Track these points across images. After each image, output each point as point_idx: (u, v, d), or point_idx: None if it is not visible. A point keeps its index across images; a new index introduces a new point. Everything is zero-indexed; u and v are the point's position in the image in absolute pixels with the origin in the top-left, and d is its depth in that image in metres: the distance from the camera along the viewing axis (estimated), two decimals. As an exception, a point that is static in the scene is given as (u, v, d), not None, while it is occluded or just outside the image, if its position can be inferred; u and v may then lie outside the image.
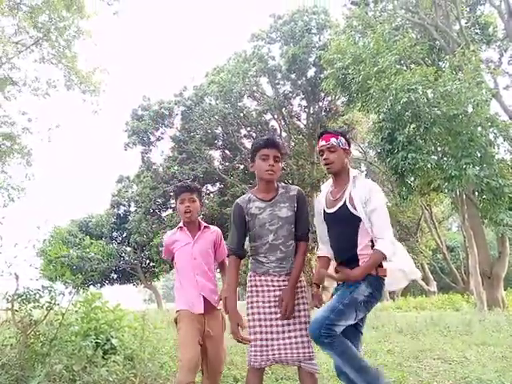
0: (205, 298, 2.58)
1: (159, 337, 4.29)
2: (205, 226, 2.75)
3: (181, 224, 2.74)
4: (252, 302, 2.34)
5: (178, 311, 2.61)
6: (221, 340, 2.62)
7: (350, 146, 2.46)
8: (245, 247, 2.45)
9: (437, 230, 22.97)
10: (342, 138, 2.42)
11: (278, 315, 2.29)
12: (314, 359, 2.25)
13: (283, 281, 2.35)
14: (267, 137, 2.40)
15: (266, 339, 2.26)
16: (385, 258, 2.21)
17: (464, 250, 21.32)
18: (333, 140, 2.38)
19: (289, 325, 2.28)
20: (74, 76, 13.41)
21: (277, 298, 2.31)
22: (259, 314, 2.31)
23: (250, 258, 2.45)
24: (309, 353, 2.24)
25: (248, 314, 2.34)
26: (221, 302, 2.63)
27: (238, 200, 2.47)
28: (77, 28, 12.49)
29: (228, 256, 2.47)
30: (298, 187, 2.48)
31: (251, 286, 2.38)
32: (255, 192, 2.43)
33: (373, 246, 2.27)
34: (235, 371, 3.89)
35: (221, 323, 2.64)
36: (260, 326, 2.29)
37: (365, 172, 27.08)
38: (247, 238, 2.45)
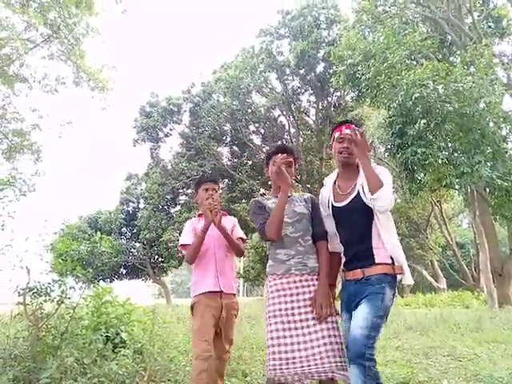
0: (222, 279, 2.70)
1: (168, 331, 4.32)
2: (223, 213, 2.83)
3: (200, 212, 2.88)
4: (274, 310, 2.21)
5: (195, 296, 2.70)
6: (232, 324, 2.76)
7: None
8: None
9: (447, 226, 22.77)
10: (361, 129, 2.37)
11: (306, 321, 2.15)
12: (347, 370, 2.04)
13: (306, 280, 2.26)
14: (279, 144, 2.48)
15: (293, 351, 2.10)
16: (381, 185, 2.11)
17: (474, 246, 21.12)
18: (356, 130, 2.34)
19: (316, 332, 2.12)
20: (82, 73, 13.50)
21: (302, 302, 2.20)
22: (283, 323, 2.17)
23: (269, 260, 2.39)
24: (342, 362, 2.07)
25: (269, 324, 2.19)
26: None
27: (254, 199, 2.56)
28: (86, 25, 12.55)
29: (260, 231, 2.40)
30: (311, 195, 2.55)
31: (272, 292, 2.27)
32: (271, 193, 2.54)
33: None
34: (244, 366, 3.90)
35: (235, 309, 2.76)
36: (284, 336, 2.13)
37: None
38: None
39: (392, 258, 2.17)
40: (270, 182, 2.59)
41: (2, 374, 2.74)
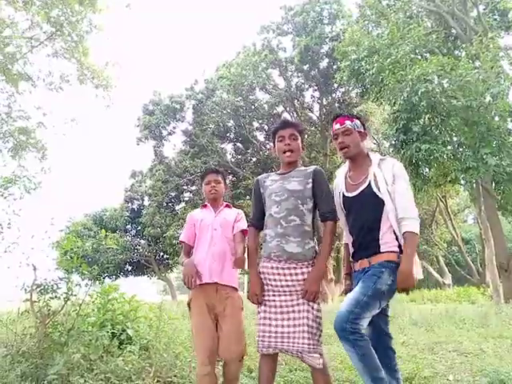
0: (217, 270, 2.55)
1: (174, 327, 4.34)
2: (227, 205, 2.85)
3: (206, 202, 2.85)
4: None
5: (190, 294, 2.66)
6: (235, 321, 2.52)
7: (365, 128, 2.36)
8: (262, 222, 2.46)
9: (452, 221, 22.66)
10: (357, 120, 2.33)
11: (282, 307, 2.24)
12: (316, 353, 2.16)
13: (282, 268, 2.24)
14: (281, 119, 2.45)
15: (270, 325, 2.24)
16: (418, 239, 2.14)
17: (480, 242, 21.00)
18: (348, 123, 2.30)
19: (294, 312, 2.22)
20: (86, 70, 13.51)
21: (279, 288, 2.26)
22: (263, 301, 2.30)
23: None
24: (309, 344, 2.15)
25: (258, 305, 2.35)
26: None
27: (259, 176, 2.56)
28: (89, 22, 12.54)
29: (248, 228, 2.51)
30: (317, 166, 2.42)
31: (261, 274, 2.37)
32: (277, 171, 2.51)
33: (394, 233, 2.18)
34: (249, 361, 3.90)
35: (236, 303, 2.58)
36: (264, 311, 2.28)
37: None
38: None
39: (400, 247, 2.16)
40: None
41: (10, 370, 2.77)
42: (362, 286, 2.14)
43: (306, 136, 22.72)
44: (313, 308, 2.21)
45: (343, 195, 2.34)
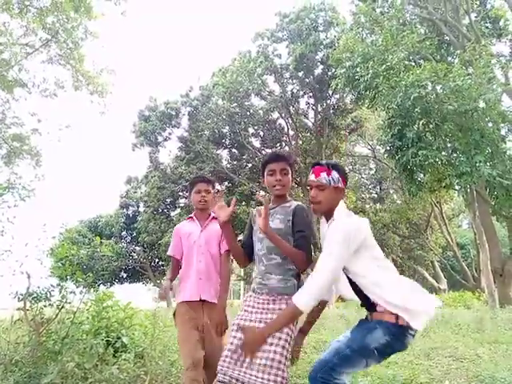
0: (204, 288, 2.59)
1: (169, 335, 4.30)
2: (213, 217, 2.74)
3: (191, 215, 2.82)
4: (233, 324, 2.26)
5: (178, 303, 2.67)
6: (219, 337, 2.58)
7: (346, 181, 2.13)
8: (250, 250, 2.39)
9: (447, 227, 22.77)
10: (336, 173, 2.09)
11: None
12: None
13: (263, 302, 2.21)
14: (273, 151, 2.40)
15: (235, 351, 2.11)
16: (300, 313, 1.89)
17: (475, 247, 21.11)
18: (323, 176, 2.07)
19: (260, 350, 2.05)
20: (81, 77, 13.53)
21: (253, 317, 2.17)
22: (237, 328, 2.20)
23: None
24: (268, 380, 1.97)
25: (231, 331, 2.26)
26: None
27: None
28: (84, 29, 12.58)
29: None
30: (299, 203, 2.33)
31: (243, 301, 2.36)
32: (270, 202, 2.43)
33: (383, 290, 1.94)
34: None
35: (220, 313, 2.60)
36: (234, 337, 2.17)
37: (373, 169, 27.01)
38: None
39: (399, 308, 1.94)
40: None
41: (3, 379, 2.74)
42: (350, 337, 1.98)
43: (300, 142, 22.85)
44: (281, 338, 2.05)
45: None
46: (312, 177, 2.12)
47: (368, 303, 2.00)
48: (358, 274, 1.98)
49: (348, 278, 2.04)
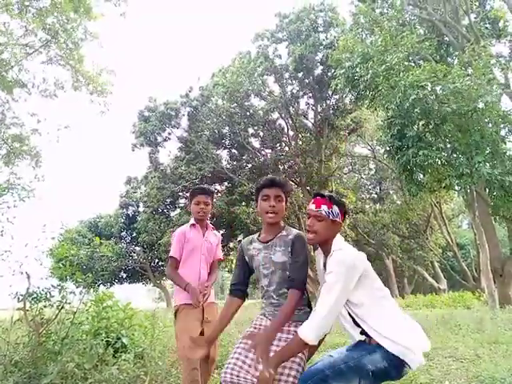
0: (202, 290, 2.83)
1: (169, 335, 4.30)
2: (212, 227, 3.09)
3: (192, 221, 3.00)
4: (246, 331, 2.27)
5: (176, 306, 2.83)
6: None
7: (344, 215, 2.16)
8: (244, 287, 2.36)
9: (447, 227, 22.79)
10: (336, 207, 2.11)
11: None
12: None
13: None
14: (268, 176, 2.31)
15: (244, 362, 2.09)
16: (305, 345, 1.91)
17: (475, 247, 21.13)
18: (324, 208, 2.10)
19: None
20: (81, 77, 13.53)
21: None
22: (242, 343, 2.18)
23: None
24: None
25: (237, 343, 2.25)
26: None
27: (243, 240, 2.46)
28: (84, 30, 12.59)
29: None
30: (298, 232, 2.28)
31: (252, 321, 2.33)
32: (260, 232, 2.37)
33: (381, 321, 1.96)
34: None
35: (216, 312, 2.87)
36: (240, 350, 2.15)
37: (373, 170, 27.01)
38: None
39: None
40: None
41: (2, 380, 2.74)
42: (347, 354, 1.98)
43: (300, 142, 22.85)
44: (293, 365, 2.03)
45: None
46: (312, 206, 2.13)
47: (367, 334, 1.99)
48: (355, 304, 1.98)
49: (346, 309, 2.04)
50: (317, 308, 1.94)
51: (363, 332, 2.02)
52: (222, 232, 20.97)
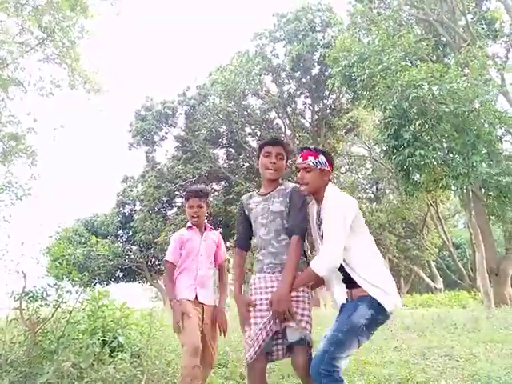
0: (201, 292, 2.79)
1: (166, 334, 4.30)
2: (210, 228, 3.02)
3: (189, 224, 2.96)
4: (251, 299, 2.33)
5: (176, 300, 2.74)
6: (216, 335, 2.81)
7: (331, 165, 2.29)
8: (247, 240, 2.50)
9: (443, 227, 22.86)
10: (322, 156, 2.25)
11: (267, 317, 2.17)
12: (297, 330, 2.13)
13: (276, 278, 2.25)
14: (272, 135, 2.45)
15: (256, 334, 2.17)
16: (316, 276, 2.08)
17: (470, 246, 21.22)
18: (310, 159, 2.23)
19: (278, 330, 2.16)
20: (77, 76, 13.46)
21: (266, 300, 2.20)
22: (254, 311, 2.25)
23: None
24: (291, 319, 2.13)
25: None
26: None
27: (243, 196, 2.60)
28: (81, 28, 12.52)
29: (235, 247, 2.57)
30: (296, 185, 2.38)
31: (249, 285, 2.39)
32: (260, 189, 2.50)
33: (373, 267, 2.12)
34: (241, 369, 3.89)
35: (213, 316, 2.80)
36: (254, 323, 2.21)
37: (370, 169, 27.07)
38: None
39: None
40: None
41: (-2, 379, 2.72)
42: (337, 324, 2.09)
43: (297, 142, 22.87)
44: (304, 301, 2.20)
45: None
46: (300, 160, 2.27)
47: (350, 278, 2.13)
48: (346, 249, 2.09)
49: None
50: (324, 245, 2.08)
51: (348, 283, 2.16)
52: (218, 231, 20.94)
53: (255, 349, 2.15)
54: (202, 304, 2.77)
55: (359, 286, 2.09)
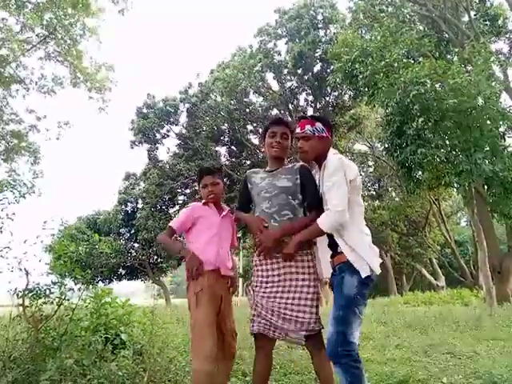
0: (222, 264, 2.55)
1: (168, 332, 4.31)
2: (228, 210, 2.75)
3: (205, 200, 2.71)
4: (252, 281, 2.41)
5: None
6: (231, 309, 2.62)
7: (330, 130, 2.33)
8: (248, 206, 2.59)
9: (445, 224, 22.82)
10: (319, 123, 2.29)
11: (274, 294, 2.28)
12: (301, 334, 2.22)
13: (276, 257, 2.31)
14: (276, 116, 2.50)
15: (265, 310, 2.27)
16: (321, 231, 2.16)
17: (473, 244, 21.18)
18: (307, 128, 2.28)
19: (289, 292, 2.26)
20: (79, 73, 13.47)
21: (269, 278, 2.31)
22: (257, 291, 2.34)
23: None
24: (297, 329, 2.22)
25: (251, 292, 2.40)
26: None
27: (248, 171, 2.65)
28: (82, 25, 12.52)
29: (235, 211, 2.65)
30: (302, 163, 2.46)
31: (253, 266, 2.44)
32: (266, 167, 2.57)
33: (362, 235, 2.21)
34: (243, 366, 3.90)
35: (231, 286, 2.62)
36: (260, 304, 2.30)
37: (372, 167, 27.01)
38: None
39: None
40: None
41: (1, 376, 2.74)
42: (334, 300, 2.15)
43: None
44: (309, 286, 2.28)
45: None
46: (298, 129, 2.32)
47: (333, 243, 2.21)
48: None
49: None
50: (329, 202, 2.14)
51: (330, 245, 2.24)
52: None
53: (262, 325, 2.27)
54: (219, 271, 2.50)
55: (341, 253, 2.15)
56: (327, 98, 21.77)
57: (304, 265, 2.30)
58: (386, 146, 11.74)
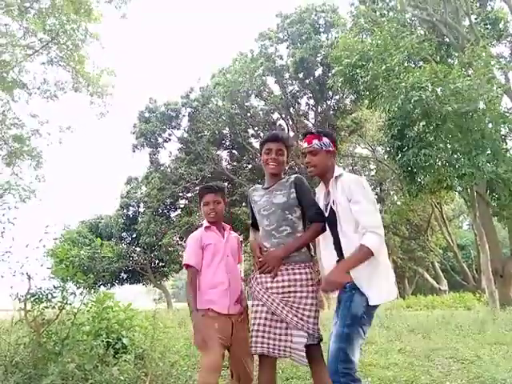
0: (231, 298, 2.50)
1: (170, 336, 4.30)
2: (229, 228, 2.74)
3: (206, 224, 2.65)
4: (253, 298, 2.40)
5: (197, 310, 2.42)
6: (245, 336, 2.44)
7: (335, 145, 2.35)
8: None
9: (447, 228, 22.76)
10: (326, 138, 2.30)
11: (276, 305, 2.27)
12: (302, 330, 2.21)
13: (280, 270, 2.32)
14: (272, 132, 2.56)
15: (264, 325, 2.27)
16: (372, 254, 2.06)
17: (475, 248, 21.10)
18: (315, 142, 2.29)
19: (286, 322, 2.23)
20: (81, 78, 13.53)
21: (273, 284, 2.31)
22: (256, 312, 2.33)
23: None
24: (298, 319, 2.22)
25: (252, 308, 2.40)
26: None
27: (249, 189, 2.72)
28: (85, 31, 12.59)
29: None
30: (297, 175, 2.52)
31: (253, 282, 2.42)
32: (264, 183, 2.62)
33: None
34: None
35: (246, 325, 2.53)
36: (262, 315, 2.31)
37: (374, 170, 27.00)
38: None
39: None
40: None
41: (3, 381, 2.74)
42: (340, 317, 2.11)
43: (297, 145, 22.86)
44: (307, 298, 2.28)
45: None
46: (305, 144, 2.34)
47: (341, 250, 2.19)
48: (349, 231, 2.14)
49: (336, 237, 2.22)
50: (366, 225, 2.09)
51: (338, 251, 2.21)
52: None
53: (260, 347, 2.25)
54: (231, 316, 2.45)
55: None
56: (328, 102, 21.82)
57: (302, 277, 2.32)
58: (388, 149, 11.75)
